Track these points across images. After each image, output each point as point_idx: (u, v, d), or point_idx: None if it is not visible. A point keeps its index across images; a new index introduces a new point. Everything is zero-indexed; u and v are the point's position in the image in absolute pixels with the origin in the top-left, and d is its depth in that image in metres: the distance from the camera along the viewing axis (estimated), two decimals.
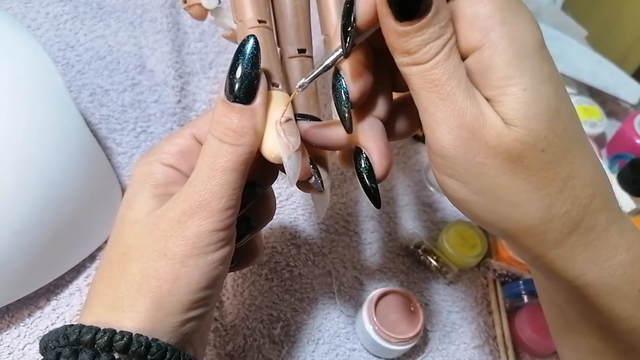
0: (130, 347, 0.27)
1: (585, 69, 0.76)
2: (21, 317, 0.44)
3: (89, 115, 0.55)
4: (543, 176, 0.26)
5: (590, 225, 0.27)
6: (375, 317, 0.47)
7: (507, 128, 0.25)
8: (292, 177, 0.31)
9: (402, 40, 0.25)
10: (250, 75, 0.29)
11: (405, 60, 0.26)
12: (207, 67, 0.64)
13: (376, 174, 0.30)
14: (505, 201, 0.27)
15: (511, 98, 0.25)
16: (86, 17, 0.63)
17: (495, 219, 0.28)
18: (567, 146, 0.26)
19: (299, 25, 0.37)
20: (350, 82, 0.29)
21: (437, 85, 0.25)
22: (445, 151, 0.26)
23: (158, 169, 0.32)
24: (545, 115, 0.25)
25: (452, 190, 0.28)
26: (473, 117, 0.25)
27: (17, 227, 0.39)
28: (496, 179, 0.26)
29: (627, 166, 0.62)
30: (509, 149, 0.25)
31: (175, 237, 0.29)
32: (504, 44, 0.25)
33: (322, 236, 0.55)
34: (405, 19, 0.24)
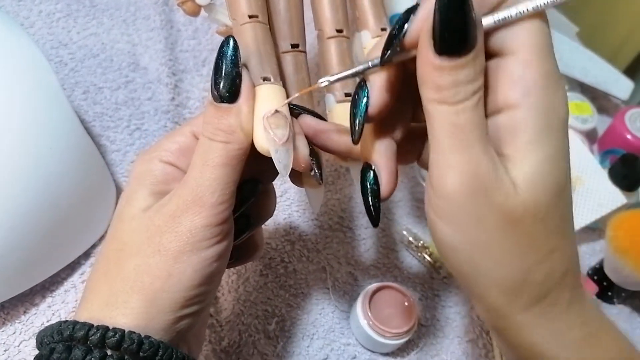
0: (123, 344, 0.27)
1: (576, 65, 0.77)
2: (16, 314, 0.44)
3: (82, 113, 0.55)
4: (533, 243, 0.27)
5: (555, 299, 0.28)
6: (369, 312, 0.47)
7: (514, 190, 0.26)
8: (281, 169, 0.31)
9: (436, 74, 0.25)
10: (232, 74, 0.30)
11: (433, 96, 0.26)
12: (201, 64, 0.64)
13: (382, 193, 0.31)
14: (492, 257, 0.27)
15: (529, 163, 0.26)
16: (79, 14, 0.63)
17: (475, 273, 0.28)
18: (561, 222, 0.27)
19: (292, 21, 0.38)
20: (375, 95, 0.29)
21: (459, 131, 0.25)
22: (451, 196, 0.26)
23: (157, 166, 0.32)
24: (554, 189, 0.26)
25: (442, 234, 0.28)
26: (486, 170, 0.26)
27: (12, 224, 0.39)
28: (491, 235, 0.27)
29: (618, 161, 0.63)
30: (512, 211, 0.26)
31: (169, 232, 0.29)
32: (539, 111, 0.25)
33: (316, 232, 0.56)
34: (444, 54, 0.24)
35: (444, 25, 0.24)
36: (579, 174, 0.64)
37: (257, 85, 0.32)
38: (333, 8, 0.40)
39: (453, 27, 0.24)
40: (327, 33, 0.40)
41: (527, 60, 0.25)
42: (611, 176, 0.63)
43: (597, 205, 0.63)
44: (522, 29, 0.25)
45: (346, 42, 0.40)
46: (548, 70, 0.26)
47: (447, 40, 0.24)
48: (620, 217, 0.58)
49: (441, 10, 0.24)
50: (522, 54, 0.25)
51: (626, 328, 0.60)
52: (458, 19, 0.24)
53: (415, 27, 0.26)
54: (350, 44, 0.41)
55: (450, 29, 0.24)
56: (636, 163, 0.62)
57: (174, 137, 0.33)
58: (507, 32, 0.26)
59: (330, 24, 0.40)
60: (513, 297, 0.28)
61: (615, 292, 0.60)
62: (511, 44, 0.26)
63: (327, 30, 0.40)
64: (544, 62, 0.26)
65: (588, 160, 0.64)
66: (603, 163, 0.68)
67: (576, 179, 0.64)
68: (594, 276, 0.61)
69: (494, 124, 0.27)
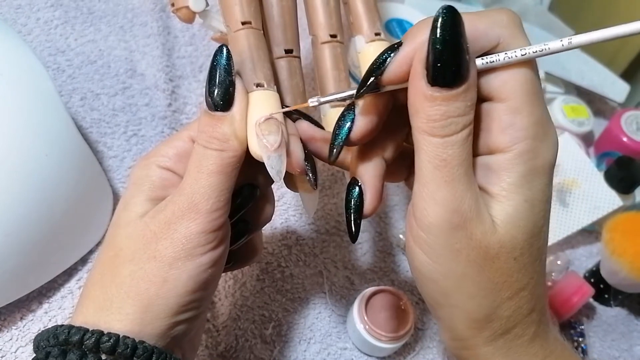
0: (117, 349, 0.28)
1: (572, 68, 0.77)
2: (13, 320, 0.44)
3: (80, 119, 0.56)
4: (504, 280, 0.28)
5: (520, 333, 0.29)
6: (365, 316, 0.48)
7: (493, 228, 0.27)
8: (274, 175, 0.31)
9: (427, 105, 0.25)
10: (225, 83, 0.30)
11: (423, 126, 0.26)
12: (198, 70, 0.64)
13: (365, 209, 0.31)
14: (465, 290, 0.28)
15: (511, 204, 0.27)
16: (77, 22, 0.63)
17: (447, 303, 0.29)
18: (533, 261, 0.28)
19: (286, 26, 0.38)
20: (360, 121, 0.29)
21: (446, 165, 0.26)
22: (431, 229, 0.27)
23: (155, 171, 0.32)
24: (530, 230, 0.27)
25: (419, 264, 0.29)
26: (468, 207, 0.26)
27: (9, 230, 0.39)
28: (466, 269, 0.27)
29: (614, 164, 0.63)
30: (488, 247, 0.27)
31: (165, 239, 0.29)
32: (527, 157, 0.26)
33: (313, 236, 0.56)
34: (437, 84, 0.25)
35: (438, 55, 0.24)
36: (575, 176, 0.64)
37: (250, 91, 0.32)
38: (327, 13, 0.40)
39: (447, 58, 0.24)
40: (321, 38, 0.40)
41: (517, 108, 0.26)
42: (607, 179, 0.63)
43: (593, 207, 0.63)
44: (512, 76, 0.26)
45: (340, 47, 0.41)
46: (537, 117, 0.26)
47: (440, 71, 0.25)
48: (616, 219, 0.58)
49: (436, 41, 0.24)
50: (513, 102, 0.26)
51: (623, 330, 0.60)
52: (452, 50, 0.25)
53: (393, 68, 0.27)
54: (345, 48, 0.41)
55: (444, 60, 0.24)
56: (632, 165, 0.62)
57: (172, 142, 0.33)
58: (498, 77, 0.26)
59: (324, 29, 0.40)
60: (479, 330, 0.29)
61: (611, 295, 0.60)
62: (502, 90, 0.26)
63: (321, 36, 0.40)
64: (533, 109, 0.26)
65: (584, 162, 0.65)
66: (599, 166, 0.68)
67: (572, 182, 0.64)
68: (590, 279, 0.61)
69: (485, 161, 0.28)
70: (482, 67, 0.26)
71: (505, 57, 0.26)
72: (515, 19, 0.27)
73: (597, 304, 0.61)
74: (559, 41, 0.25)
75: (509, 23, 0.26)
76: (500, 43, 0.26)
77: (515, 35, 0.26)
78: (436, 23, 0.25)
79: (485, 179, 0.28)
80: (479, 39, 0.26)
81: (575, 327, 0.58)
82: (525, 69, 0.26)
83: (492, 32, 0.26)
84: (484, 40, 0.26)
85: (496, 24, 0.26)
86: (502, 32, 0.26)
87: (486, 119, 0.27)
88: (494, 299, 0.28)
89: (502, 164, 0.27)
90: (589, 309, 0.61)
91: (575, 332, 0.57)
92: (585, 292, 0.57)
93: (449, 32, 0.24)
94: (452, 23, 0.25)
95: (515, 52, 0.26)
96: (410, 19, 0.66)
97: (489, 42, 0.26)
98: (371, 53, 0.41)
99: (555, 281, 0.59)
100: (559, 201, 0.63)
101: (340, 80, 0.40)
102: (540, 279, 0.29)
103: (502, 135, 0.26)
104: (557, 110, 0.72)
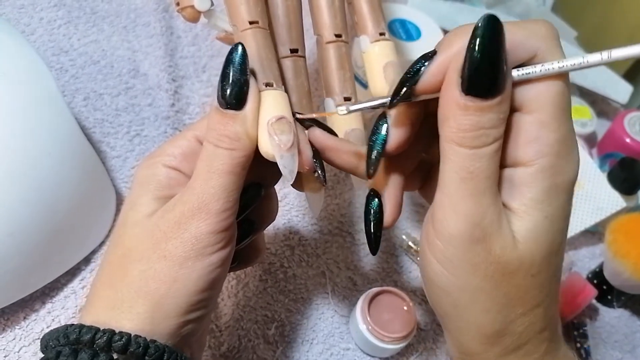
0: (129, 348, 0.27)
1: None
2: (17, 320, 0.44)
3: (83, 119, 0.56)
4: (520, 297, 0.27)
5: (531, 350, 0.29)
6: (368, 317, 0.47)
7: (513, 243, 0.26)
8: (287, 175, 0.31)
9: (460, 114, 0.25)
10: (240, 81, 0.30)
11: (452, 136, 0.26)
12: (201, 70, 0.64)
13: (385, 221, 0.31)
14: (479, 304, 0.28)
15: (531, 219, 0.26)
16: (80, 21, 0.63)
17: (458, 316, 0.29)
18: (550, 279, 0.28)
19: (291, 26, 0.38)
20: (394, 131, 0.29)
21: (473, 178, 0.26)
22: (451, 241, 0.27)
23: (161, 171, 0.32)
24: (550, 247, 0.27)
25: (434, 274, 0.29)
26: (490, 221, 0.26)
27: (12, 229, 0.39)
28: (482, 283, 0.27)
29: (617, 165, 0.63)
30: (507, 263, 0.27)
31: (175, 238, 0.29)
32: (549, 173, 0.26)
33: (316, 237, 0.56)
34: (471, 93, 0.24)
35: (475, 64, 0.24)
36: (578, 177, 0.64)
37: (261, 91, 0.32)
38: (331, 13, 0.40)
39: (484, 68, 0.24)
40: (326, 38, 0.40)
41: (545, 122, 0.26)
42: (610, 180, 0.63)
43: (596, 208, 0.63)
44: (544, 89, 0.26)
45: (345, 47, 0.41)
46: (563, 134, 0.26)
47: (476, 80, 0.24)
48: (619, 220, 0.58)
49: (476, 49, 0.24)
50: (541, 115, 0.26)
51: (626, 332, 0.60)
52: (491, 60, 0.24)
53: (428, 77, 0.26)
54: (350, 48, 0.41)
55: (481, 69, 0.24)
56: (635, 166, 0.62)
57: (177, 141, 0.33)
58: (530, 89, 0.26)
59: (329, 29, 0.40)
60: (490, 345, 0.29)
61: (615, 296, 0.60)
62: (532, 102, 0.26)
63: (326, 35, 0.40)
64: (560, 125, 0.26)
65: (587, 164, 0.65)
66: (602, 167, 0.68)
67: (575, 183, 0.64)
68: (593, 280, 0.61)
69: (509, 174, 0.27)
70: (518, 79, 0.26)
71: (542, 69, 0.25)
72: (553, 31, 0.26)
73: (600, 305, 0.61)
74: (599, 54, 0.25)
75: (547, 35, 0.26)
76: (537, 55, 0.26)
77: (552, 48, 0.26)
78: (477, 32, 0.24)
79: (506, 192, 0.27)
80: (517, 49, 0.25)
81: (578, 329, 0.58)
82: (558, 83, 0.26)
83: (529, 43, 0.26)
84: (522, 50, 0.26)
85: (534, 35, 0.26)
86: (540, 43, 0.26)
87: (513, 130, 0.27)
88: (507, 314, 0.28)
89: (524, 178, 0.26)
90: (592, 310, 0.61)
91: (578, 333, 0.57)
92: (588, 294, 0.57)
93: (489, 42, 0.24)
94: (494, 32, 0.24)
95: (553, 64, 0.25)
96: (413, 19, 0.66)
97: (526, 53, 0.26)
98: (376, 53, 0.41)
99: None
100: None
101: (345, 80, 0.40)
102: (555, 297, 0.29)
103: (527, 148, 0.26)
104: None
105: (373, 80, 0.41)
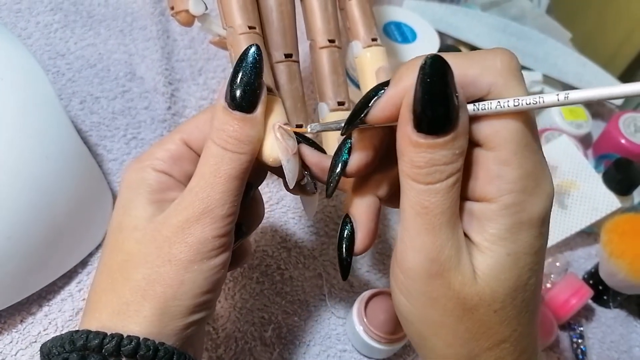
0: (139, 352, 0.28)
1: (570, 71, 0.78)
2: (13, 323, 0.44)
3: (79, 122, 0.56)
4: (485, 332, 0.27)
5: None
6: (365, 318, 0.48)
7: (473, 279, 0.26)
8: (290, 179, 0.31)
9: (413, 150, 0.25)
10: (254, 85, 0.29)
11: (407, 170, 0.25)
12: (197, 73, 0.64)
13: (355, 249, 0.31)
14: (442, 338, 0.28)
15: (493, 255, 0.26)
16: (76, 25, 0.63)
17: (424, 347, 0.29)
18: (517, 315, 0.27)
19: (285, 31, 0.38)
20: (354, 154, 0.29)
21: (427, 212, 0.25)
22: (409, 273, 0.27)
23: (151, 175, 0.32)
24: (514, 283, 0.26)
25: (399, 304, 0.29)
26: (448, 257, 0.26)
27: (9, 233, 0.39)
28: (444, 317, 0.27)
29: (612, 166, 0.63)
30: (467, 299, 0.26)
31: (179, 243, 0.29)
32: (512, 211, 0.25)
33: (312, 239, 0.56)
34: (423, 131, 0.24)
35: (423, 103, 0.24)
36: (574, 178, 0.65)
37: None
38: (325, 18, 0.40)
39: (432, 106, 0.24)
40: (319, 43, 0.41)
41: (506, 159, 0.25)
42: (606, 180, 0.64)
43: (591, 209, 0.63)
44: (503, 125, 0.25)
45: (338, 52, 0.41)
46: (528, 169, 0.25)
47: (425, 118, 0.24)
48: (614, 221, 0.58)
49: (421, 89, 0.24)
50: (501, 153, 0.25)
51: (622, 332, 0.60)
52: (438, 99, 0.24)
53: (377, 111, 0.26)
54: (343, 53, 0.42)
55: (429, 108, 0.24)
56: (630, 167, 0.63)
57: (164, 145, 0.33)
58: (488, 125, 0.25)
59: (322, 34, 0.41)
60: None
61: (610, 296, 0.60)
62: (492, 138, 0.25)
63: (319, 40, 0.41)
64: (524, 161, 0.25)
65: (582, 165, 0.65)
66: (597, 168, 0.68)
67: (571, 184, 0.64)
68: (589, 280, 0.61)
69: (471, 208, 0.27)
70: (472, 114, 0.25)
71: (497, 106, 0.25)
72: (511, 63, 0.25)
73: (596, 305, 0.62)
74: (555, 95, 0.24)
75: (503, 69, 0.25)
76: (492, 92, 0.25)
77: (508, 83, 0.25)
78: (422, 71, 0.24)
79: (469, 225, 0.27)
80: (469, 86, 0.25)
81: (575, 329, 0.58)
82: (517, 120, 0.25)
83: (482, 79, 0.25)
84: (474, 88, 0.25)
85: (488, 70, 0.25)
86: (494, 79, 0.25)
87: (475, 166, 0.26)
88: (472, 348, 0.27)
89: (486, 214, 0.26)
90: (588, 311, 0.61)
91: (574, 333, 0.58)
92: (584, 294, 0.57)
93: (435, 81, 0.24)
94: (439, 72, 0.24)
95: (508, 101, 0.24)
96: (409, 22, 0.66)
97: (479, 91, 0.25)
98: (368, 58, 0.41)
99: (554, 283, 0.59)
100: (558, 203, 0.64)
101: (338, 84, 0.40)
102: (527, 330, 0.28)
103: (489, 186, 0.26)
104: (555, 113, 0.72)
105: (365, 85, 0.42)
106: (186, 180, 0.31)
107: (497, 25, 0.80)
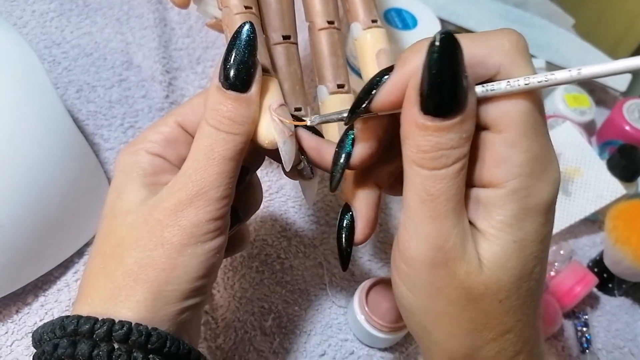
0: (130, 337, 0.27)
1: (573, 57, 0.77)
2: (9, 313, 0.43)
3: (76, 111, 0.55)
4: (488, 322, 0.26)
5: None
6: (366, 307, 0.47)
7: (479, 268, 0.25)
8: (287, 161, 0.30)
9: (419, 133, 0.24)
10: (247, 63, 0.29)
11: (412, 156, 0.25)
12: (195, 62, 0.64)
13: (355, 239, 0.30)
14: (445, 329, 0.27)
15: (499, 243, 0.25)
16: (72, 14, 0.63)
17: (427, 338, 0.28)
18: (521, 305, 0.26)
19: (283, 12, 0.37)
20: (358, 145, 0.28)
21: (433, 199, 0.24)
22: (413, 264, 0.26)
23: (145, 158, 0.31)
24: (519, 272, 0.26)
25: (400, 295, 0.28)
26: (453, 245, 0.25)
27: (3, 222, 0.39)
28: (447, 308, 0.26)
29: (616, 152, 0.63)
30: (472, 288, 0.25)
31: (172, 226, 0.29)
32: (520, 196, 0.25)
33: (312, 228, 0.55)
34: (430, 113, 0.23)
35: (432, 82, 0.23)
36: (578, 165, 0.64)
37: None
38: (323, 0, 0.40)
39: (442, 86, 0.23)
40: (318, 25, 0.40)
41: (514, 142, 0.24)
42: (610, 167, 0.63)
43: (596, 196, 0.62)
44: (512, 106, 0.24)
45: (337, 34, 0.40)
46: (536, 153, 0.25)
47: (434, 99, 0.23)
48: (619, 208, 0.58)
49: (431, 67, 0.23)
50: (510, 134, 0.24)
51: (627, 320, 0.60)
52: (448, 78, 0.23)
53: (383, 96, 0.25)
54: (342, 35, 0.41)
55: (439, 87, 0.23)
56: (635, 154, 0.62)
57: (158, 127, 0.32)
58: (497, 107, 0.25)
59: (321, 16, 0.40)
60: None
61: (615, 284, 0.59)
62: (500, 120, 0.25)
63: (318, 22, 0.40)
64: (532, 144, 0.24)
65: (587, 152, 0.64)
66: (602, 154, 0.68)
67: (575, 171, 0.63)
68: (594, 268, 0.60)
69: (478, 194, 0.26)
70: (481, 96, 0.24)
71: (507, 86, 0.24)
72: (519, 43, 0.25)
73: (601, 293, 0.61)
74: (567, 71, 0.23)
75: (511, 49, 0.24)
76: (501, 72, 0.24)
77: (517, 63, 0.24)
78: (432, 48, 0.23)
79: (475, 213, 0.26)
80: (478, 66, 0.24)
81: (579, 317, 0.57)
82: (526, 100, 0.24)
83: (491, 59, 0.24)
84: (482, 68, 0.24)
85: (496, 50, 0.24)
86: (503, 59, 0.24)
87: (482, 149, 0.25)
88: (475, 339, 0.27)
89: (493, 200, 0.25)
90: (593, 299, 0.60)
91: (579, 321, 0.57)
92: (589, 282, 0.56)
93: (445, 60, 0.23)
94: (450, 50, 0.23)
95: (518, 80, 0.24)
96: (410, 8, 0.65)
97: (487, 71, 0.24)
98: (368, 40, 0.40)
99: (559, 271, 0.58)
100: (562, 190, 0.63)
101: (338, 66, 0.40)
102: (530, 320, 0.27)
103: (496, 169, 0.25)
104: (559, 100, 0.71)
105: (365, 67, 0.41)
106: (181, 163, 0.31)
107: (499, 11, 0.79)
